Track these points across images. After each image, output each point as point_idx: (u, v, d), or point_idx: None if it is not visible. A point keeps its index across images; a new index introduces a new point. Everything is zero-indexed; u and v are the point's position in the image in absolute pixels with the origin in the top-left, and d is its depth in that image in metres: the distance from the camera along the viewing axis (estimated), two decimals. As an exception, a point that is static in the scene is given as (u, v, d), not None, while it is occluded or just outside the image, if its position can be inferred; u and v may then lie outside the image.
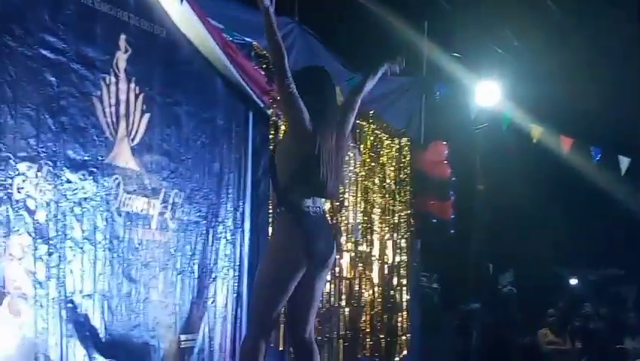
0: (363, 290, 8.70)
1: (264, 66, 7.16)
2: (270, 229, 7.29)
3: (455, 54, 10.71)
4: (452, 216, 9.73)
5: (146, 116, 6.11)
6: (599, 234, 16.12)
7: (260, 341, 4.99)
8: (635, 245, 14.14)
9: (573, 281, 16.68)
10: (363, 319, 8.72)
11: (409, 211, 9.50)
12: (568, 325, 12.32)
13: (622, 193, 12.53)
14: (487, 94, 10.80)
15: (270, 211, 7.31)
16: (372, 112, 8.91)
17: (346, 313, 8.43)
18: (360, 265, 8.65)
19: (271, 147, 7.33)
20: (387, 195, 9.20)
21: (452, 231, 9.89)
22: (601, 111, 12.82)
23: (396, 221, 9.32)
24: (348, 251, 8.45)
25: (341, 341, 8.31)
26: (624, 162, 10.29)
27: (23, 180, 5.06)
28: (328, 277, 8.09)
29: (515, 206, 14.48)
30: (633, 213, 13.14)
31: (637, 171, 10.49)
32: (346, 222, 8.44)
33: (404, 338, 9.33)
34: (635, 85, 12.72)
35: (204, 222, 6.71)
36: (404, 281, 9.38)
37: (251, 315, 5.45)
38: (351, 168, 8.52)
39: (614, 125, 12.47)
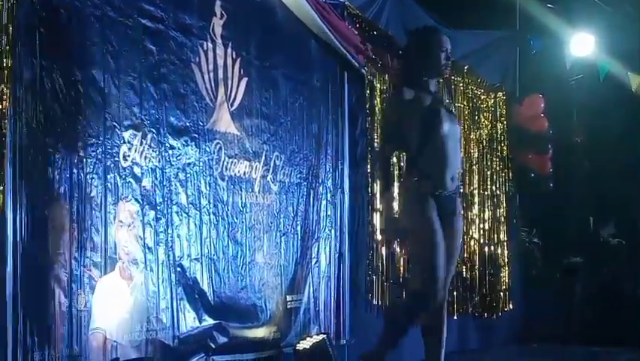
0: (465, 246, 8.67)
1: (358, 25, 7.17)
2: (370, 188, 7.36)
3: (549, 5, 10.52)
4: (551, 170, 9.63)
5: (244, 80, 6.17)
6: None
7: None
8: None
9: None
10: (465, 275, 8.70)
11: (507, 166, 9.41)
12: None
13: None
14: (582, 45, 10.60)
15: (369, 170, 7.35)
16: (466, 67, 8.85)
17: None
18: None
19: (367, 105, 7.37)
20: (484, 151, 9.14)
21: (551, 185, 9.78)
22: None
23: (494, 177, 9.25)
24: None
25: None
26: None
27: (129, 148, 5.16)
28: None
29: (615, 158, 14.21)
30: None
31: None
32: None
33: (506, 293, 9.28)
34: None
35: (305, 183, 6.77)
36: (504, 237, 9.32)
37: None
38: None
39: None
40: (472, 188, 8.93)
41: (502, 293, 9.21)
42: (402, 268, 7.66)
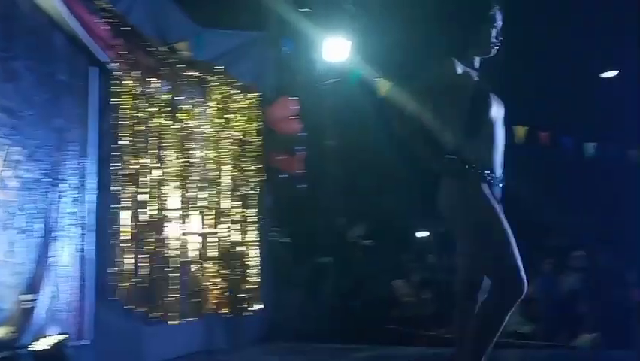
0: (213, 245, 8.70)
1: (107, 20, 7.03)
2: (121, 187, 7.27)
3: (304, 9, 10.70)
4: (302, 171, 9.80)
5: (-18, 71, 5.92)
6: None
7: None
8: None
9: (423, 233, 16.99)
10: (214, 274, 8.72)
11: (259, 166, 9.50)
12: (417, 276, 12.61)
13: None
14: (337, 49, 10.87)
15: (114, 168, 7.24)
16: (220, 67, 8.87)
17: (196, 269, 8.43)
18: (208, 220, 8.64)
19: (115, 102, 7.24)
20: (236, 151, 9.19)
21: (302, 186, 9.96)
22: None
23: (245, 176, 9.32)
24: (193, 208, 8.43)
25: (191, 297, 8.30)
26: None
27: None
28: (177, 233, 8.11)
29: (367, 160, 14.66)
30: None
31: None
32: (195, 177, 8.41)
33: (256, 292, 9.36)
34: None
35: (47, 180, 6.56)
36: (255, 236, 9.41)
37: None
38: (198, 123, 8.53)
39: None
40: (223, 187, 8.96)
41: (251, 292, 9.28)
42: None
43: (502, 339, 5.29)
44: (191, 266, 8.35)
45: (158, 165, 7.84)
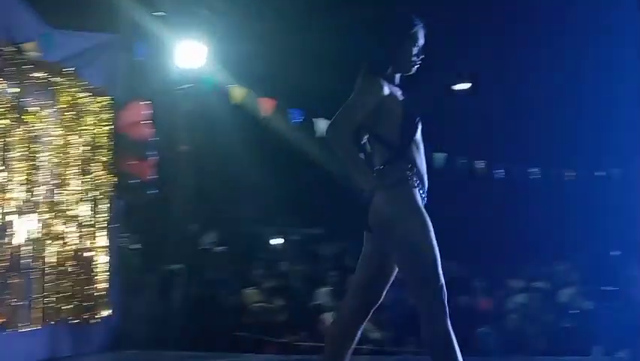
0: (60, 250, 8.51)
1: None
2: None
3: (158, 12, 10.59)
4: (153, 177, 9.70)
5: None
6: (302, 195, 16.56)
7: None
8: (333, 206, 14.58)
9: (276, 241, 17.03)
10: (60, 280, 8.53)
11: (109, 171, 9.34)
12: (269, 283, 12.63)
13: (321, 156, 12.80)
14: (192, 54, 10.82)
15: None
16: (69, 69, 8.68)
17: (41, 274, 8.22)
18: (55, 225, 8.45)
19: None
20: (85, 155, 9.02)
21: (154, 191, 9.86)
22: (301, 75, 13.19)
23: (95, 181, 9.16)
24: (40, 212, 8.22)
25: (36, 303, 8.09)
26: (320, 124, 10.57)
27: None
28: (21, 238, 7.89)
29: (222, 167, 14.64)
30: (332, 175, 13.56)
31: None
32: (42, 181, 8.22)
33: (103, 299, 9.20)
34: (333, 51, 13.23)
35: None
36: (104, 242, 9.25)
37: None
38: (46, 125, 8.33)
39: (313, 89, 12.78)
40: (72, 192, 8.77)
41: (99, 299, 9.11)
42: None
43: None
44: (36, 271, 8.12)
45: (3, 167, 7.61)
